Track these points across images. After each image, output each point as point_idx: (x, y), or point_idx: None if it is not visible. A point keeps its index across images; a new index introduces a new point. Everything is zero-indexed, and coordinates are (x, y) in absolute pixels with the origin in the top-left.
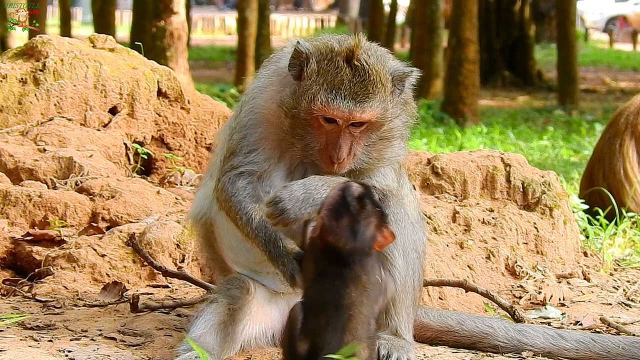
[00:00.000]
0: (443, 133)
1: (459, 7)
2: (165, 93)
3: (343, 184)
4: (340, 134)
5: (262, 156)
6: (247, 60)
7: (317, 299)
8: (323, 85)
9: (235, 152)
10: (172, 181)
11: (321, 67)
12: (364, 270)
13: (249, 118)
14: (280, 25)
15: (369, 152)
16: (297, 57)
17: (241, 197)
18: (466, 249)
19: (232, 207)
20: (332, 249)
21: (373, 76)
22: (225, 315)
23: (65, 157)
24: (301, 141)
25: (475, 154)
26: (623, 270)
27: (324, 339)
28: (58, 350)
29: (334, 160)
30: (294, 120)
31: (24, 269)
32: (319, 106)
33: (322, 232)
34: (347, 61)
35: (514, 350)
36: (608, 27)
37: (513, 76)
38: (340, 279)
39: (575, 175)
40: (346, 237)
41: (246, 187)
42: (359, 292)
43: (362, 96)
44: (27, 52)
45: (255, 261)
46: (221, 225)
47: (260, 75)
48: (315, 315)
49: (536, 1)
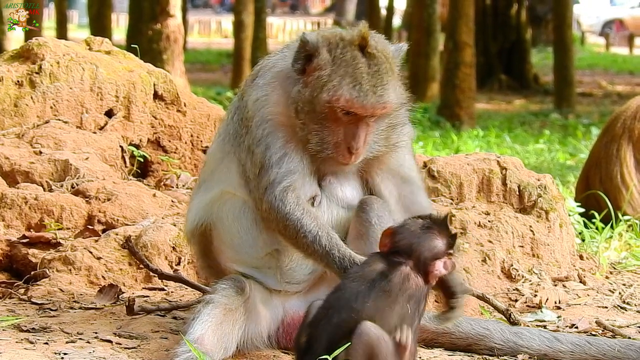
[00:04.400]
0: (439, 136)
1: (455, 11)
2: (162, 96)
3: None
4: (358, 124)
5: (294, 160)
6: (244, 63)
7: (334, 294)
8: (345, 78)
9: (265, 164)
10: (168, 184)
11: (335, 56)
12: (408, 300)
13: (263, 128)
14: (277, 29)
15: (378, 139)
16: (303, 49)
17: (299, 215)
18: (462, 252)
19: (289, 227)
20: (393, 262)
21: (385, 64)
22: (221, 316)
23: (62, 160)
24: (317, 136)
25: (471, 157)
26: (619, 274)
27: (319, 331)
28: (54, 352)
29: (352, 151)
30: (307, 116)
31: (19, 272)
32: (343, 103)
33: (393, 240)
34: (361, 49)
35: (510, 353)
36: (604, 30)
37: (509, 80)
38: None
39: (571, 178)
40: (415, 247)
41: (298, 202)
42: (378, 307)
43: (381, 89)
44: (23, 55)
45: (257, 256)
46: (222, 226)
47: (258, 85)
48: (323, 307)
49: (533, 5)
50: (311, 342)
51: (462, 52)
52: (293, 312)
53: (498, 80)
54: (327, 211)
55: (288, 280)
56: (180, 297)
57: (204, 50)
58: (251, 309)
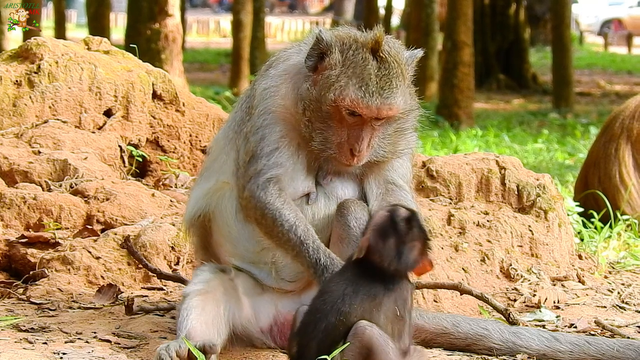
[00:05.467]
0: (438, 136)
1: (454, 10)
2: (160, 95)
3: (391, 207)
4: (363, 126)
5: (285, 155)
6: (242, 62)
7: (319, 299)
8: (352, 78)
9: (257, 154)
10: (167, 184)
11: (346, 57)
12: (394, 301)
13: (264, 118)
14: (275, 28)
15: (384, 144)
16: (317, 46)
17: (279, 205)
18: (461, 251)
19: (267, 215)
20: (372, 269)
21: (396, 69)
22: (200, 302)
23: (60, 160)
24: (320, 135)
25: (470, 156)
26: (618, 273)
27: (307, 338)
28: (53, 352)
29: (354, 153)
30: (313, 114)
31: (18, 272)
32: (348, 103)
33: (367, 252)
34: (373, 53)
35: (509, 353)
36: (603, 30)
37: (508, 79)
38: (353, 288)
39: (570, 178)
40: (391, 257)
41: (280, 194)
42: (365, 309)
43: (388, 91)
44: (21, 55)
45: (254, 250)
46: (220, 218)
47: (269, 75)
48: (309, 313)
49: (531, 4)
50: (302, 351)
51: (461, 51)
52: (286, 312)
53: (496, 79)
54: (325, 209)
55: (283, 277)
56: (179, 297)
57: (202, 50)
58: (232, 289)
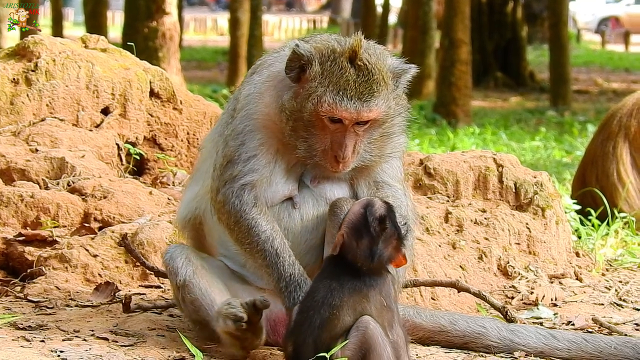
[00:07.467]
0: (435, 134)
1: (451, 9)
2: (158, 94)
3: (366, 201)
4: (345, 133)
5: (262, 162)
6: (240, 61)
7: (309, 298)
8: (329, 87)
9: (234, 159)
10: (164, 182)
11: (325, 68)
12: (379, 293)
13: (245, 124)
14: (273, 26)
15: (371, 148)
16: (296, 60)
17: (255, 214)
18: (458, 249)
19: (242, 224)
20: (349, 265)
21: (376, 75)
22: (204, 282)
23: (58, 158)
24: (304, 143)
25: (467, 154)
26: (615, 271)
27: (303, 336)
28: (50, 350)
29: (339, 160)
30: (296, 123)
31: (16, 270)
32: (326, 108)
33: (341, 250)
34: (351, 61)
35: (506, 350)
36: (600, 28)
37: (505, 77)
38: (338, 283)
39: (567, 175)
40: (364, 257)
41: (255, 202)
42: (355, 301)
43: (368, 95)
44: (19, 53)
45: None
46: (211, 221)
47: (253, 81)
48: (300, 312)
49: (528, 2)
50: (298, 350)
51: (458, 49)
52: (277, 309)
53: (494, 77)
54: (313, 210)
55: None
56: None
57: (199, 48)
58: (213, 272)
